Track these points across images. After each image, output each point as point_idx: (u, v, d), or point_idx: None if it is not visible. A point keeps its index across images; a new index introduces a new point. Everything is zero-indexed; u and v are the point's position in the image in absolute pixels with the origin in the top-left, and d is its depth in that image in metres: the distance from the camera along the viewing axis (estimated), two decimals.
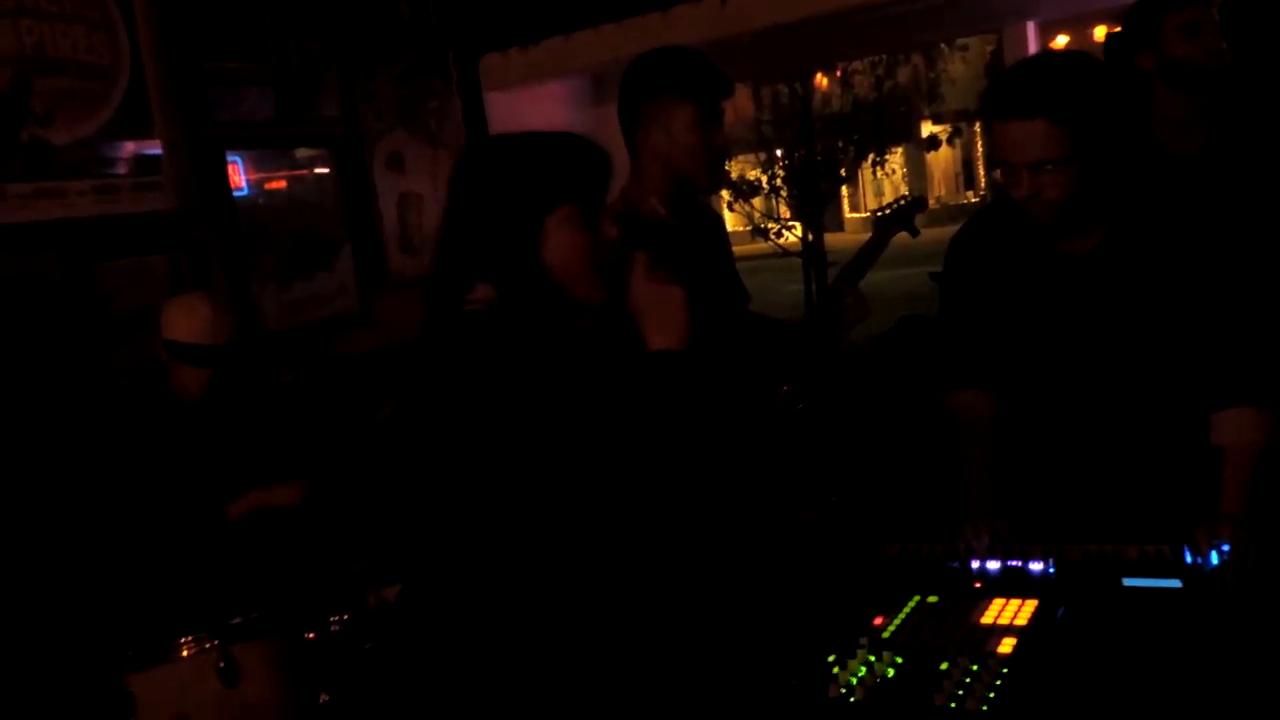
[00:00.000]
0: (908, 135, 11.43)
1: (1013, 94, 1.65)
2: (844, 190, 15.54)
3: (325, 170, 3.81)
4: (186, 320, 2.61)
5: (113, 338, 3.10)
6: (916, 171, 19.83)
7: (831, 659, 1.45)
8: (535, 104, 4.48)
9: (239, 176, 3.57)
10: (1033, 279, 1.85)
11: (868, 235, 2.37)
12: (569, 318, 1.47)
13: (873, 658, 1.43)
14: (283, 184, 3.74)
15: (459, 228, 1.46)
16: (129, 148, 3.19)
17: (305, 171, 3.80)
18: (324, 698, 2.21)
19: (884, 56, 8.81)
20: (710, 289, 2.11)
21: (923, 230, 2.44)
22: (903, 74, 9.71)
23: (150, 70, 3.22)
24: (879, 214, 2.46)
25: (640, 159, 2.07)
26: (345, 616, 2.38)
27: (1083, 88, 1.64)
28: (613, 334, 1.49)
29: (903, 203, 2.35)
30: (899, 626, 1.53)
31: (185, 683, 2.06)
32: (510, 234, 1.42)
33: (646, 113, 2.03)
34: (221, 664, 2.06)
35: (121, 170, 3.18)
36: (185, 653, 2.07)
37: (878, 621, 1.55)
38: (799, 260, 9.61)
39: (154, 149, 3.25)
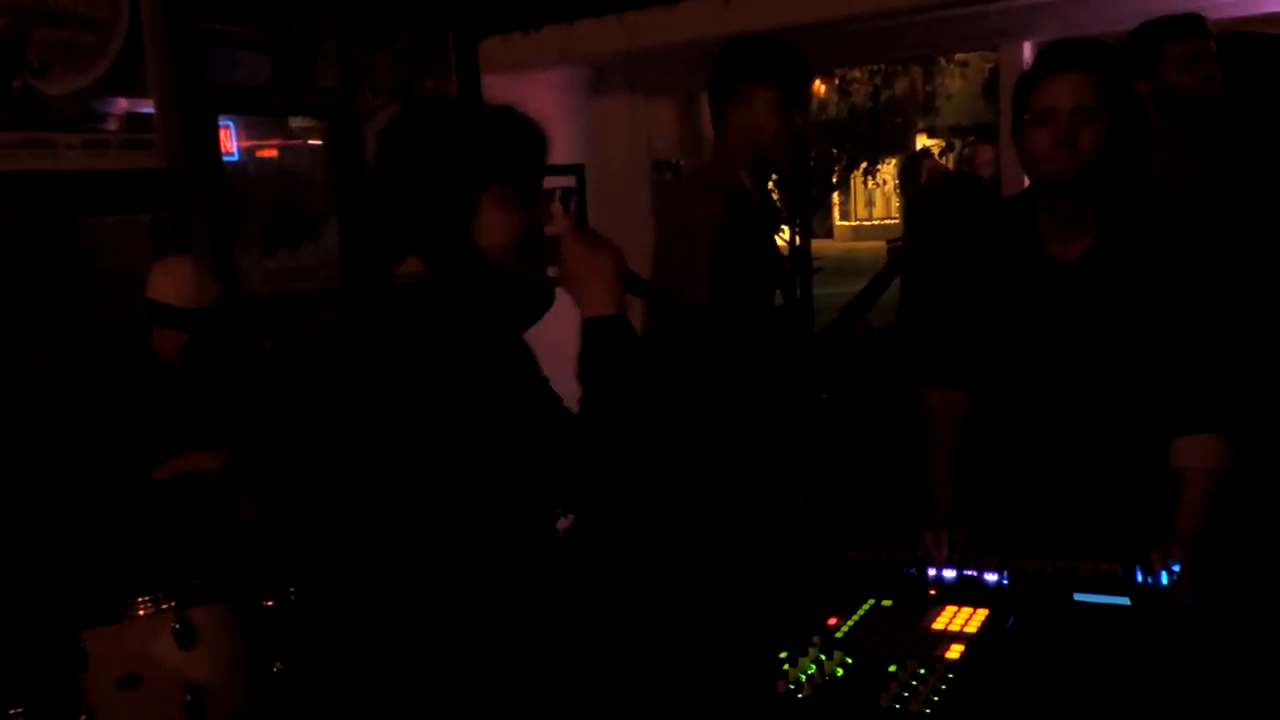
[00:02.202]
0: (901, 146, 11.49)
1: (1060, 53, 1.79)
2: (834, 198, 15.60)
3: (317, 142, 3.79)
4: (168, 282, 2.61)
5: (94, 294, 3.08)
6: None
7: (783, 655, 1.46)
8: (533, 90, 4.46)
9: (230, 142, 3.54)
10: (1015, 281, 1.87)
11: (855, 244, 2.52)
12: (504, 294, 1.44)
13: (823, 656, 1.45)
14: (274, 153, 3.71)
15: (389, 196, 1.43)
16: (121, 104, 3.17)
17: (297, 141, 3.78)
18: (278, 666, 2.21)
19: (882, 66, 8.85)
20: (774, 267, 2.36)
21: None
22: (900, 85, 9.75)
23: (148, 27, 3.20)
24: (892, 244, 2.65)
25: (725, 136, 2.30)
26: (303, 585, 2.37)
27: (1112, 57, 1.80)
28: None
29: (915, 242, 2.60)
30: (852, 628, 1.55)
31: (139, 642, 2.06)
32: (442, 211, 1.40)
33: (733, 93, 2.27)
34: (177, 625, 2.06)
35: (112, 126, 3.15)
36: (141, 612, 2.07)
37: (831, 622, 1.57)
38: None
39: (146, 107, 3.22)
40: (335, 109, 3.79)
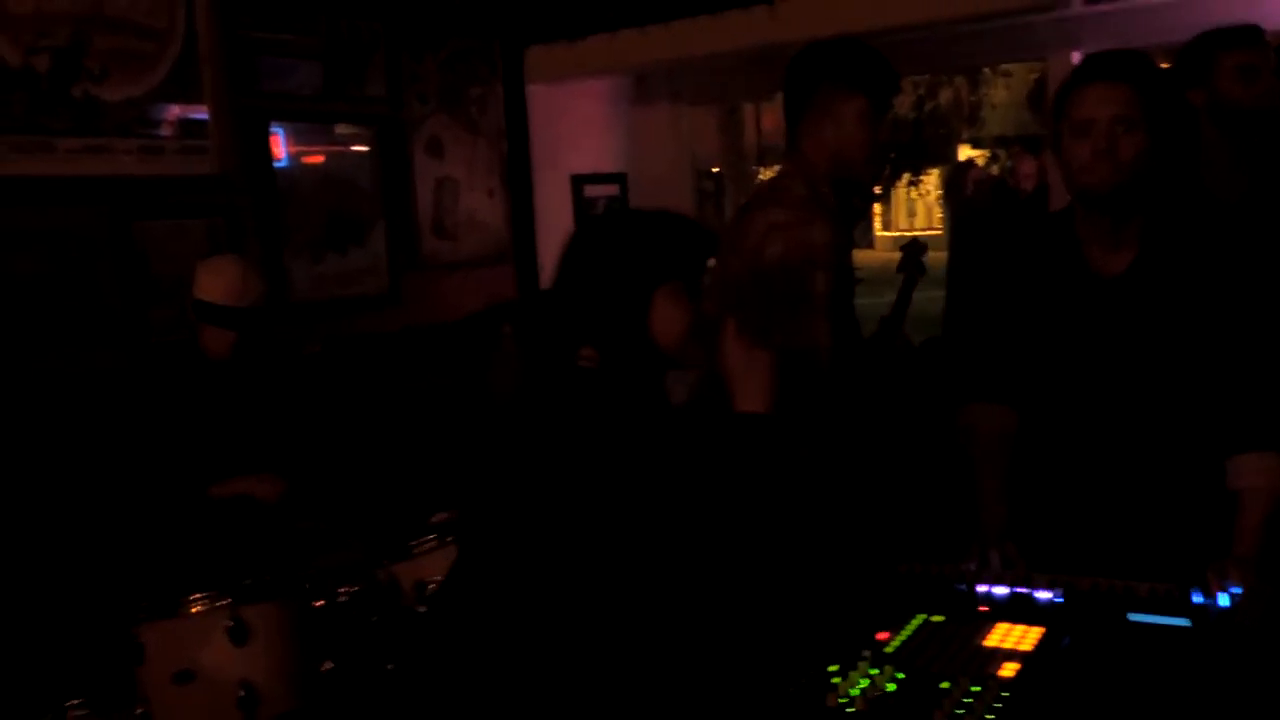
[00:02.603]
0: (945, 157, 11.41)
1: (1098, 64, 1.77)
2: (876, 208, 15.53)
3: (363, 148, 3.84)
4: (214, 281, 2.66)
5: (149, 297, 3.15)
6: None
7: (833, 669, 1.46)
8: (576, 99, 4.50)
9: (280, 148, 3.61)
10: (1059, 296, 1.86)
11: (896, 254, 2.50)
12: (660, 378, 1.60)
13: (874, 671, 1.44)
14: (321, 159, 3.77)
15: (570, 293, 1.59)
16: (176, 111, 3.24)
17: (343, 148, 3.84)
18: (327, 665, 2.24)
19: (927, 76, 8.81)
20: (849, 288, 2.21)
21: None
22: (944, 96, 9.69)
23: (203, 36, 3.27)
24: (898, 268, 2.63)
25: (803, 147, 2.12)
26: (354, 588, 2.41)
27: (1152, 69, 1.78)
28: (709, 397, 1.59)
29: (910, 248, 2.55)
30: (903, 643, 1.54)
31: (194, 638, 2.10)
32: (620, 304, 1.56)
33: (817, 102, 2.10)
34: (230, 623, 2.10)
35: (167, 133, 3.22)
36: (196, 609, 2.11)
37: (882, 636, 1.56)
38: None
39: (200, 114, 3.29)
40: (383, 116, 3.85)
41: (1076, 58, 3.69)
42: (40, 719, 2.16)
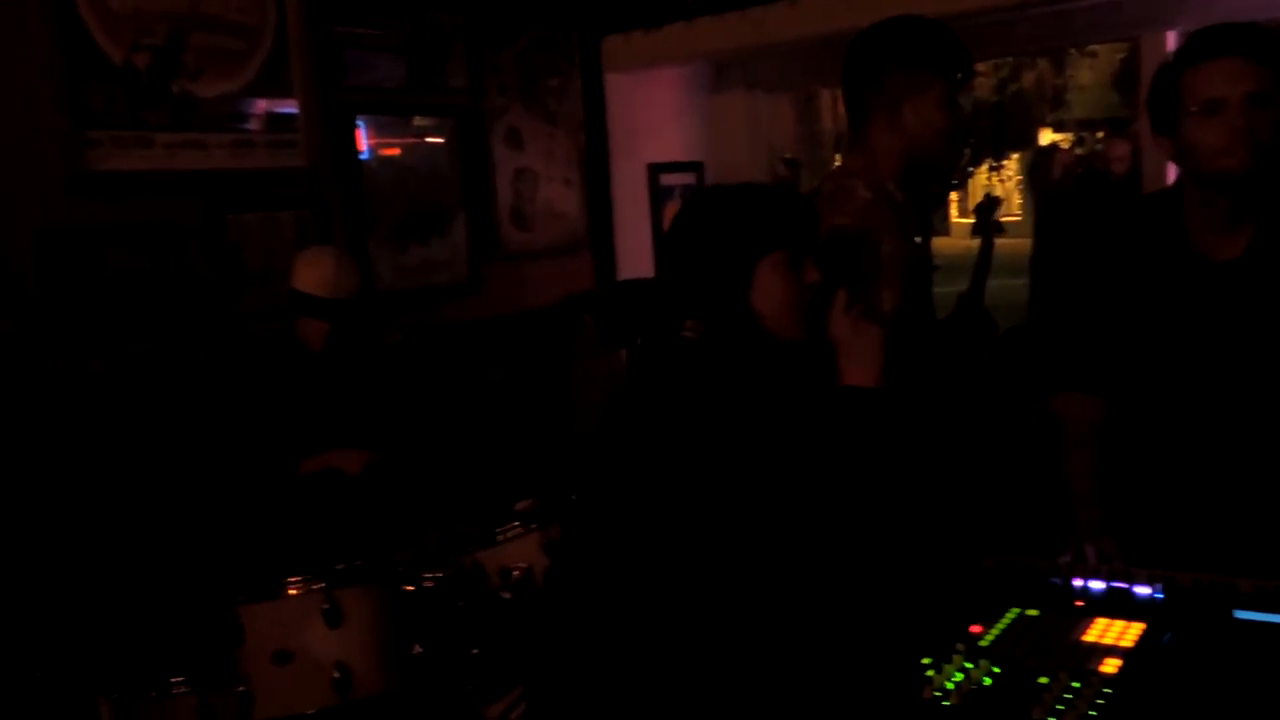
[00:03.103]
0: (1026, 141, 11.11)
1: (1220, 37, 1.68)
2: (952, 195, 15.22)
3: (440, 140, 3.90)
4: (312, 274, 2.74)
5: (240, 287, 3.24)
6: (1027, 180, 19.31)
7: (926, 662, 1.45)
8: (653, 88, 4.50)
9: (362, 140, 3.68)
10: (1160, 282, 1.80)
11: (974, 241, 2.42)
12: (771, 354, 1.58)
13: (969, 665, 1.43)
14: (403, 150, 3.83)
15: (675, 267, 1.60)
16: (267, 106, 3.32)
17: (424, 140, 3.89)
18: (417, 649, 2.30)
19: (1009, 59, 8.59)
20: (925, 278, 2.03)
21: None
22: (1027, 78, 9.43)
23: (293, 32, 3.34)
24: (973, 231, 2.52)
25: (872, 136, 1.93)
26: (440, 574, 2.46)
27: (1274, 42, 1.68)
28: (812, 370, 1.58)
29: (984, 206, 2.43)
30: (998, 637, 1.52)
31: (292, 619, 2.16)
32: (723, 276, 1.55)
33: (887, 91, 1.90)
34: (326, 605, 2.16)
35: (258, 127, 3.31)
36: (293, 591, 2.18)
37: (975, 630, 1.55)
38: None
39: (289, 108, 3.37)
40: (464, 108, 3.90)
41: (1171, 37, 3.57)
42: (147, 694, 2.25)
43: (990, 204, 2.50)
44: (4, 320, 2.48)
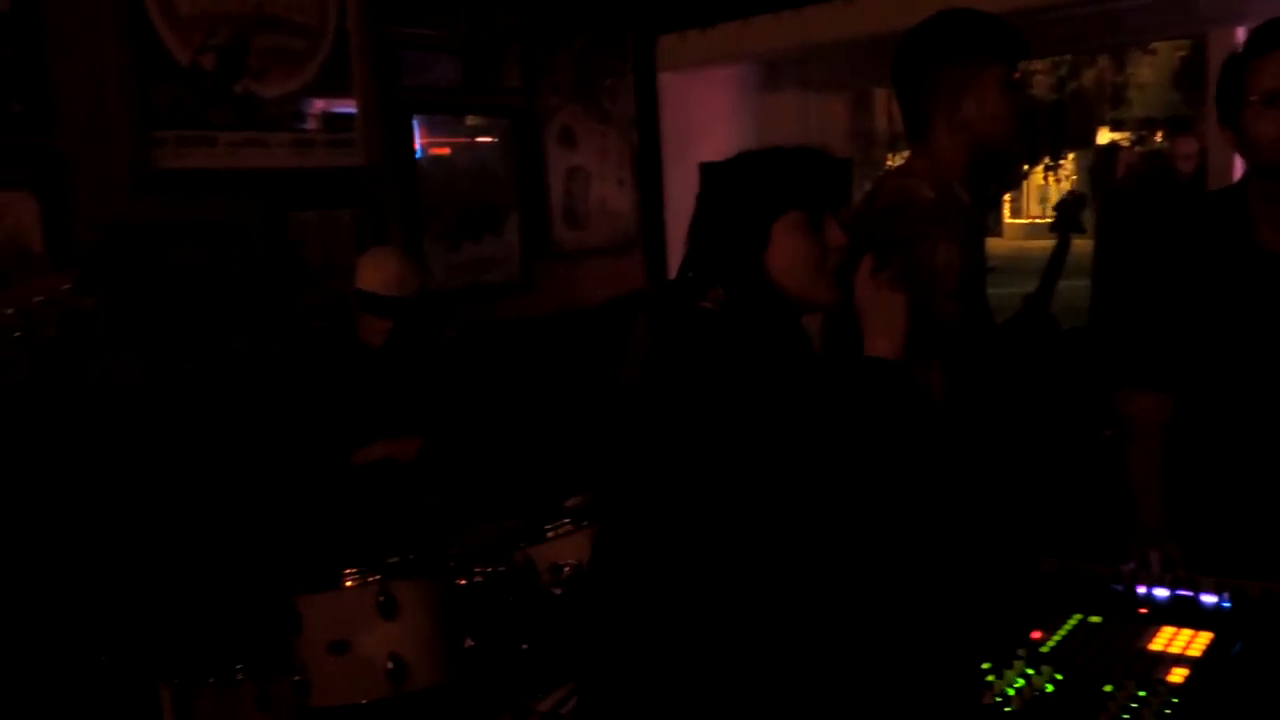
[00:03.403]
0: (1084, 140, 10.88)
1: None
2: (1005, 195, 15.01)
3: (493, 139, 3.92)
4: (375, 273, 2.79)
5: (300, 284, 3.30)
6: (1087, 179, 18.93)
7: (987, 667, 1.43)
8: (707, 87, 4.49)
9: (417, 140, 3.71)
10: (1226, 278, 1.76)
11: (1027, 242, 2.33)
12: (791, 320, 1.52)
13: (1031, 670, 1.41)
14: (454, 150, 3.86)
15: (696, 234, 1.55)
16: (327, 105, 3.38)
17: (478, 139, 3.92)
18: (469, 643, 2.32)
19: (1069, 56, 8.43)
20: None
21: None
22: (1087, 76, 9.24)
23: (353, 32, 3.39)
24: (1052, 227, 2.43)
25: (935, 136, 1.90)
26: (492, 569, 2.48)
27: None
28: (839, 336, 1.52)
29: (1067, 204, 2.32)
30: (1060, 643, 1.50)
31: (347, 610, 2.20)
32: (738, 240, 1.49)
33: (945, 83, 1.87)
34: (381, 597, 2.19)
35: (318, 126, 3.36)
36: (349, 583, 2.21)
37: (1036, 635, 1.52)
38: None
39: (348, 108, 3.42)
40: (518, 107, 3.92)
41: (1240, 33, 3.48)
42: (207, 681, 2.30)
43: (1075, 202, 2.37)
44: (88, 296, 2.54)
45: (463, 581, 2.37)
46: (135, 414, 2.90)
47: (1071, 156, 12.78)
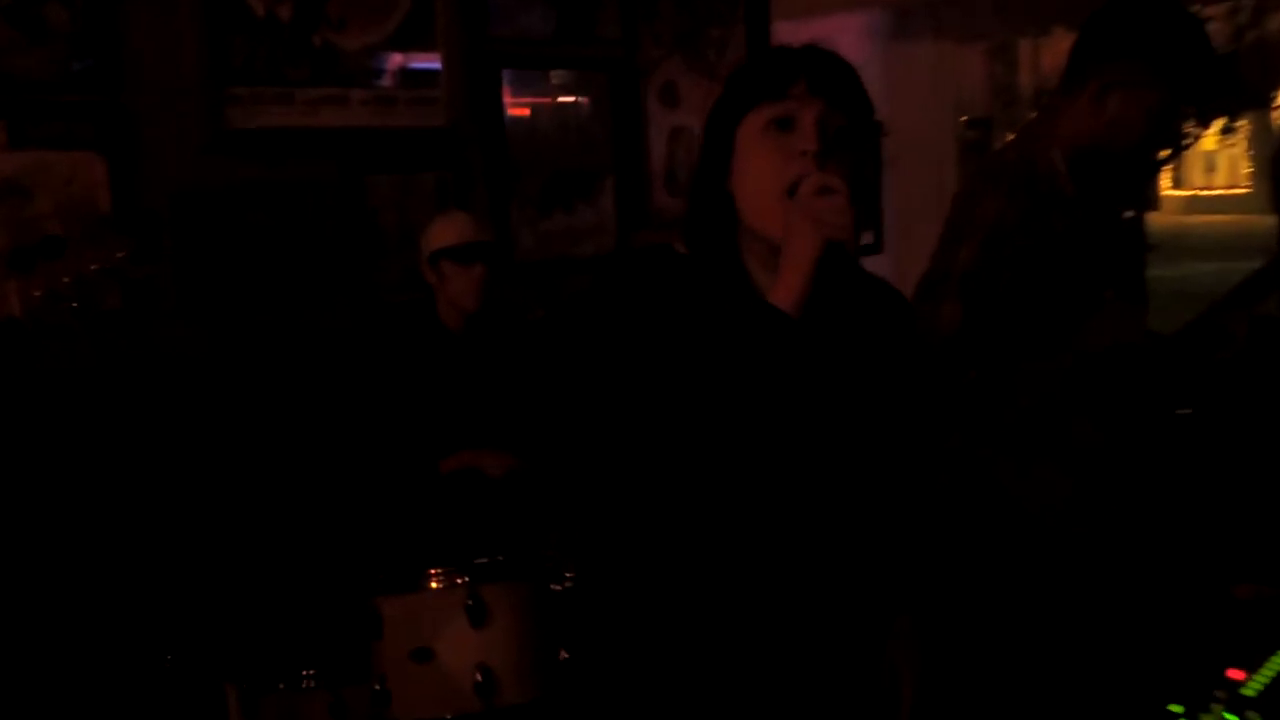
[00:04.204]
0: (1262, 100, 10.37)
1: None
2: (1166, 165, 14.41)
3: (588, 96, 3.90)
4: (448, 227, 2.86)
5: (377, 254, 3.33)
6: (1264, 142, 18.09)
7: (1178, 710, 1.36)
8: (827, 37, 4.39)
9: (505, 97, 3.71)
10: None
11: (1186, 217, 2.29)
12: (728, 257, 1.34)
13: (1232, 717, 1.33)
14: (548, 108, 3.85)
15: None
16: (409, 59, 3.40)
17: (568, 96, 3.91)
18: (564, 655, 2.31)
19: (1252, 2, 8.01)
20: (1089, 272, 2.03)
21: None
22: (1273, 21, 8.76)
23: None
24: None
25: (1073, 103, 2.01)
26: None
27: None
28: None
29: None
30: (1267, 686, 1.41)
31: (432, 615, 2.22)
32: (704, 152, 1.34)
33: (1113, 71, 1.96)
34: (470, 602, 2.20)
35: (399, 82, 3.39)
36: (434, 585, 2.22)
37: (1235, 675, 1.44)
38: None
39: (431, 63, 3.44)
40: (616, 61, 3.89)
41: None
42: (275, 685, 2.34)
43: None
44: (144, 265, 2.62)
45: (557, 587, 2.37)
46: (203, 391, 2.97)
47: (1245, 120, 12.23)
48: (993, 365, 1.94)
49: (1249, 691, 1.41)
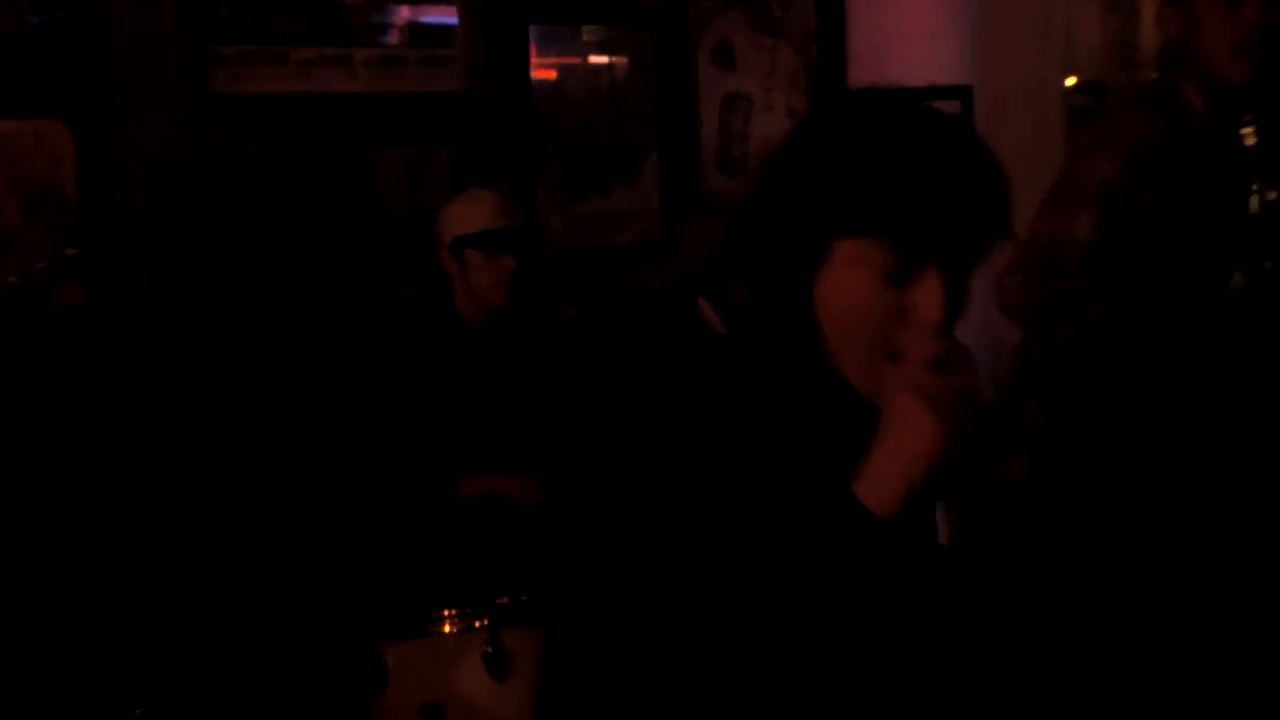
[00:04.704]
0: None
1: None
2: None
3: (628, 57, 3.86)
4: (473, 210, 2.82)
5: (385, 239, 3.31)
6: None
7: None
8: None
9: (531, 58, 3.68)
10: None
11: None
12: (808, 384, 1.25)
13: None
14: (577, 72, 3.81)
15: (753, 203, 1.32)
16: (420, 13, 3.38)
17: (605, 57, 3.87)
18: None
19: None
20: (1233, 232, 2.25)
21: None
22: None
23: None
24: None
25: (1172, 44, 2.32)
26: None
27: None
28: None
29: None
30: None
31: (445, 664, 2.19)
32: (785, 239, 1.23)
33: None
34: (489, 649, 2.16)
35: (409, 40, 3.37)
36: (448, 628, 2.19)
37: None
38: None
39: (445, 17, 3.41)
40: (661, 15, 3.85)
41: None
42: None
43: None
44: (95, 264, 2.60)
45: None
46: (183, 395, 2.95)
47: None
48: (1117, 298, 2.05)
49: None
